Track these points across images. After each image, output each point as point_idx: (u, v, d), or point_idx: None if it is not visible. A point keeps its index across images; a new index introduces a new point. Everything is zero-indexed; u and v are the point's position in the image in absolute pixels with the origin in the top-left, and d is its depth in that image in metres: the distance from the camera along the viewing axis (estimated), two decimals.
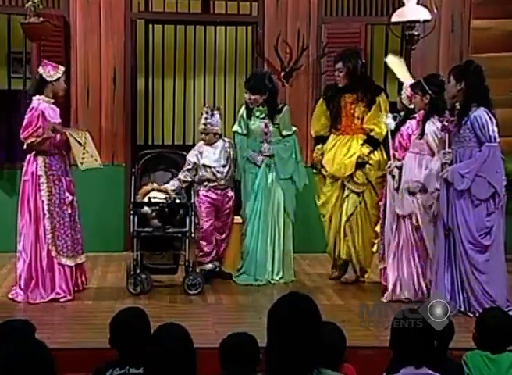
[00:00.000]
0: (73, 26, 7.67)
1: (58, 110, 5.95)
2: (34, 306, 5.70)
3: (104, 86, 7.78)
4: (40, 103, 5.83)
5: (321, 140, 6.68)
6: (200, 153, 6.59)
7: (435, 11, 7.40)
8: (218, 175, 6.57)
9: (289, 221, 6.68)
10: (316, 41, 7.89)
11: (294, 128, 6.76)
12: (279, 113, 6.61)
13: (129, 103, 7.89)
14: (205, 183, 6.57)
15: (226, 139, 6.74)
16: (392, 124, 6.14)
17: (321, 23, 7.89)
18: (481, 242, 5.47)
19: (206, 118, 6.58)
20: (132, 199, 6.31)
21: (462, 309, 5.49)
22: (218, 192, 6.60)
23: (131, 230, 6.19)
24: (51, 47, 7.38)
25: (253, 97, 6.58)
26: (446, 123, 5.58)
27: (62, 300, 5.80)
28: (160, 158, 6.58)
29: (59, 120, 5.93)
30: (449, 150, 5.57)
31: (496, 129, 5.47)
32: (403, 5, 7.31)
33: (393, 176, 6.02)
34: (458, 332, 4.25)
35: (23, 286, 5.80)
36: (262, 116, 6.61)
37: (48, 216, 5.79)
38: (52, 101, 5.91)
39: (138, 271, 6.12)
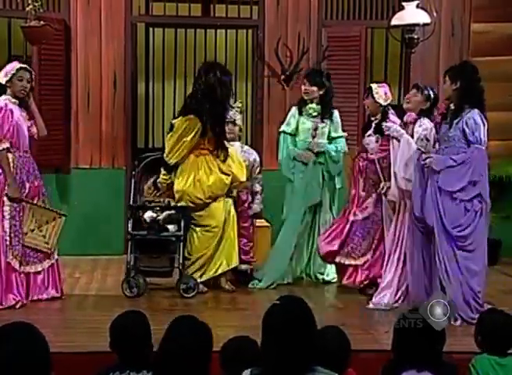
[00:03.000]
0: (74, 29, 7.66)
1: (24, 113, 5.77)
2: (33, 309, 5.63)
3: (105, 89, 7.77)
4: (7, 103, 5.69)
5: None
6: None
7: (435, 14, 7.38)
8: None
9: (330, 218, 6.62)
10: (316, 44, 7.88)
11: (344, 133, 6.68)
12: (330, 114, 6.52)
13: (130, 106, 7.88)
14: None
15: (246, 147, 6.68)
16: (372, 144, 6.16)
17: (322, 27, 7.88)
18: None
19: (238, 112, 6.56)
20: (131, 202, 6.33)
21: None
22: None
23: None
24: (51, 50, 7.39)
25: (310, 88, 6.45)
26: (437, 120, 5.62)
27: (16, 305, 5.64)
28: (161, 161, 6.49)
29: (28, 123, 5.77)
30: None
31: (486, 133, 5.40)
32: (402, 8, 7.30)
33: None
34: (460, 336, 4.27)
35: None
36: (314, 114, 6.50)
37: (7, 217, 5.65)
38: (17, 101, 5.75)
39: (133, 274, 6.10)
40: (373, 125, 6.25)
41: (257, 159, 6.75)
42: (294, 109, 6.59)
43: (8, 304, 5.64)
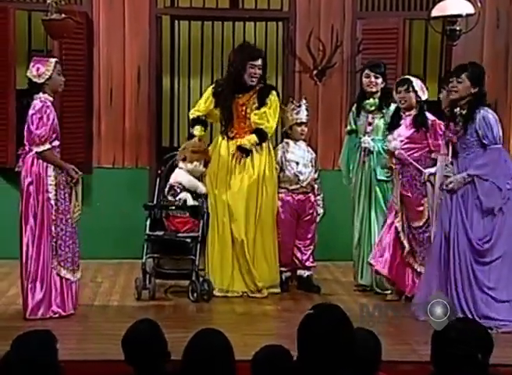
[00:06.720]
0: (96, 22, 7.60)
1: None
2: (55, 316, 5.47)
3: (128, 85, 7.68)
4: (46, 102, 5.46)
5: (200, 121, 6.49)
6: (286, 150, 6.43)
7: (479, 4, 7.12)
8: (301, 176, 6.36)
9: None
10: (351, 37, 7.67)
11: None
12: (388, 107, 6.27)
13: (154, 103, 7.78)
14: (286, 186, 6.35)
15: (308, 148, 6.57)
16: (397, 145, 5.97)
17: (356, 19, 7.68)
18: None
19: (307, 109, 6.47)
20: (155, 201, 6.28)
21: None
22: (300, 197, 6.37)
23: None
24: (73, 44, 7.30)
25: (374, 80, 6.24)
26: (450, 135, 5.46)
27: (56, 315, 5.41)
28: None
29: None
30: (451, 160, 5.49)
31: (500, 131, 5.36)
32: None
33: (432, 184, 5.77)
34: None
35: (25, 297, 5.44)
36: (372, 108, 6.28)
37: (54, 222, 5.38)
38: (53, 99, 5.58)
39: (147, 276, 6.01)
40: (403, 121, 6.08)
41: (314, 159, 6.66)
42: (354, 107, 6.49)
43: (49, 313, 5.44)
